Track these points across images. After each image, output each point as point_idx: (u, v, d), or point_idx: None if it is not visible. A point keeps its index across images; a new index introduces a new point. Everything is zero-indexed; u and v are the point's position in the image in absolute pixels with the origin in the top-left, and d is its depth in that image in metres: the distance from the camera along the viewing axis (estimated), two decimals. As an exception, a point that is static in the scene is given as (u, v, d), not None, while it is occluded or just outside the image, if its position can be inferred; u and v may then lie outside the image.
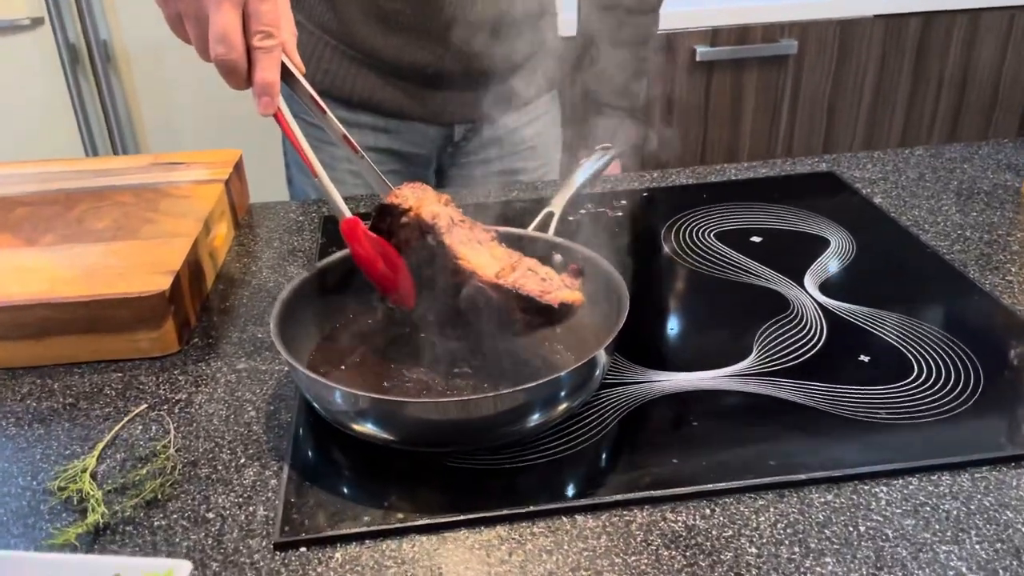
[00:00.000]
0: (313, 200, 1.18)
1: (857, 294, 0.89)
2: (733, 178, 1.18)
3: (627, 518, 0.64)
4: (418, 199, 0.78)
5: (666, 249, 1.00)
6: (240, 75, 0.72)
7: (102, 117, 1.93)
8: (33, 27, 1.84)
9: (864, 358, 0.79)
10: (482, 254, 0.76)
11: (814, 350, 0.81)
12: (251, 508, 0.66)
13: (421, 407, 0.67)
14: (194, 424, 0.75)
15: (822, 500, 0.64)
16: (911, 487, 0.65)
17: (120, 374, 0.82)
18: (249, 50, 0.71)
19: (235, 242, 1.07)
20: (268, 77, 0.72)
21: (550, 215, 0.91)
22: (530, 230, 0.89)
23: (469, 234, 0.77)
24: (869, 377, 0.77)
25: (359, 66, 1.20)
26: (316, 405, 0.71)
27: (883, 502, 0.64)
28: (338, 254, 0.83)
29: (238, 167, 1.12)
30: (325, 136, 0.79)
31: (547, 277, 0.74)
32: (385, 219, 0.79)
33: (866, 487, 0.65)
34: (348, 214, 0.78)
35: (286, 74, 0.75)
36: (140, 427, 0.75)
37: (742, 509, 0.64)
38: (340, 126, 0.78)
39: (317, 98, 0.76)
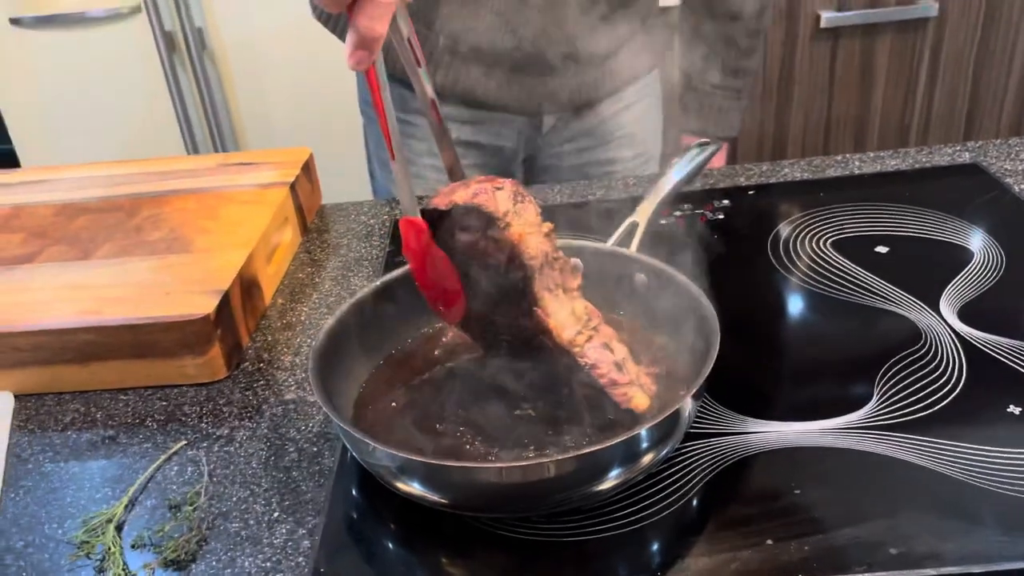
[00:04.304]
0: (386, 200, 1.10)
1: (1006, 323, 0.74)
2: (856, 172, 1.03)
3: (707, 615, 0.53)
4: (522, 223, 0.63)
5: (772, 261, 0.87)
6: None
7: (201, 110, 1.91)
8: (130, 15, 1.84)
9: (1015, 409, 0.65)
10: (564, 307, 0.65)
11: (950, 397, 0.67)
12: (277, 576, 0.59)
13: (462, 471, 0.57)
14: (231, 467, 0.68)
15: (956, 605, 0.52)
16: (1075, 591, 0.52)
17: (165, 403, 0.77)
18: None
19: (301, 248, 1.00)
20: (374, 28, 0.54)
21: (634, 226, 0.80)
22: (610, 244, 0.78)
23: (558, 278, 0.66)
24: (1021, 435, 0.62)
25: (441, 52, 1.11)
26: (356, 456, 0.63)
27: (1037, 611, 0.51)
28: (399, 270, 0.75)
29: (307, 167, 1.05)
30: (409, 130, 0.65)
31: (622, 363, 0.64)
32: (467, 226, 0.66)
33: (1015, 589, 0.52)
34: (415, 213, 0.66)
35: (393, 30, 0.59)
36: (176, 468, 0.69)
37: (852, 612, 0.52)
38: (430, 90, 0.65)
39: (419, 51, 0.63)
